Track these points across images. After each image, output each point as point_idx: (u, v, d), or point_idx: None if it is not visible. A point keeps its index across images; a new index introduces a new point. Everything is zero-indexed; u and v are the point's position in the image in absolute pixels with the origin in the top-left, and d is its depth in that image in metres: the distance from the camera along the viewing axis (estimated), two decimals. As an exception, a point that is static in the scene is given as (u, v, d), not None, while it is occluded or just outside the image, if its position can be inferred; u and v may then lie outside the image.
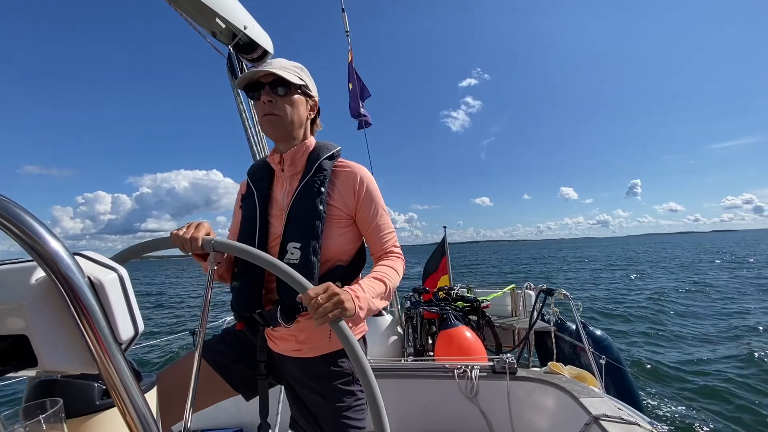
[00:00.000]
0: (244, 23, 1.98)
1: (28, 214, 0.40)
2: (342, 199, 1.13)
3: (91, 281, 0.45)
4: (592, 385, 1.82)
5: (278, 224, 1.12)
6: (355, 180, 1.14)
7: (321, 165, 1.14)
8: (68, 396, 0.51)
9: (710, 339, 8.03)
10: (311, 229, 1.06)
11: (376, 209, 1.16)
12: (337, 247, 1.11)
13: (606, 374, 2.88)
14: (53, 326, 0.43)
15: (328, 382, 1.11)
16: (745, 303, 11.58)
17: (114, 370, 0.45)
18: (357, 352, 0.75)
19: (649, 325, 9.05)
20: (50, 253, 0.41)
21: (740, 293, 13.36)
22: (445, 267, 5.74)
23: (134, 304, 0.49)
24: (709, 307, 11.19)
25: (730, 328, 8.81)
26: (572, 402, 1.64)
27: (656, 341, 8.00)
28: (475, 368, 1.96)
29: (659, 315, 10.19)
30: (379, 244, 1.17)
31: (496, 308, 4.90)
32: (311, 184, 1.12)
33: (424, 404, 2.01)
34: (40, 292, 0.43)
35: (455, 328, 3.03)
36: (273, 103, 1.08)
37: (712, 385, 5.69)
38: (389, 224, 1.19)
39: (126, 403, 0.47)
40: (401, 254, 1.20)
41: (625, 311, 10.64)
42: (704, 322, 9.54)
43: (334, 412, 1.09)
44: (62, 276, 0.41)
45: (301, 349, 1.12)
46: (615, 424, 1.36)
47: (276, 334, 1.15)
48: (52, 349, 0.43)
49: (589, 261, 39.12)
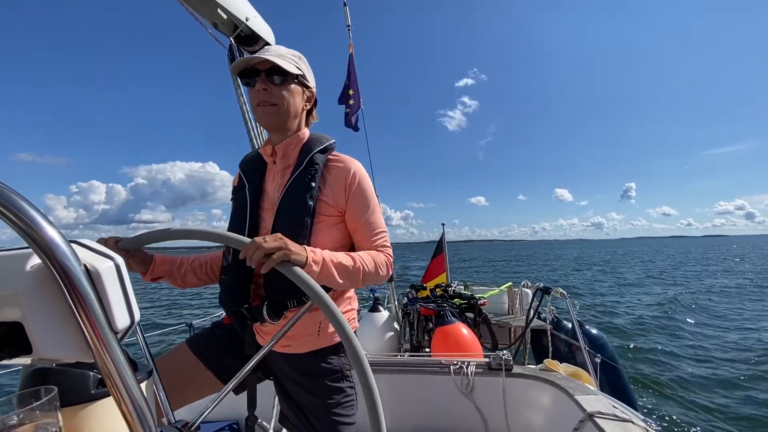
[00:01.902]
0: (246, 15, 1.96)
1: (24, 201, 0.40)
2: (332, 194, 1.09)
3: (87, 269, 0.44)
4: (587, 383, 1.83)
5: (268, 218, 1.10)
6: (347, 175, 1.11)
7: (313, 158, 1.11)
8: (63, 384, 0.51)
9: (707, 345, 8.12)
10: (300, 225, 1.03)
11: (366, 206, 1.11)
12: (326, 243, 1.07)
13: (601, 373, 2.90)
14: (48, 314, 0.43)
15: (318, 378, 1.10)
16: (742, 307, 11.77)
17: (109, 359, 0.45)
18: (322, 297, 0.70)
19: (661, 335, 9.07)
20: (46, 240, 0.40)
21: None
22: (442, 264, 5.75)
23: (130, 293, 0.49)
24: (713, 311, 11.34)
25: (728, 330, 8.93)
26: (567, 399, 1.65)
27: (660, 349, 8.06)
28: (472, 365, 1.96)
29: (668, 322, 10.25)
30: (368, 242, 1.11)
31: (492, 306, 4.91)
32: (302, 178, 1.08)
33: (420, 399, 2.02)
34: (36, 280, 0.43)
35: (452, 325, 3.04)
36: (268, 91, 1.05)
37: (706, 385, 5.74)
38: (380, 223, 1.14)
39: (121, 393, 0.47)
40: (390, 254, 1.13)
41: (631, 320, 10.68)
42: (705, 328, 9.65)
43: (323, 408, 1.09)
44: (58, 263, 0.41)
45: (290, 345, 1.10)
46: (609, 421, 1.37)
47: (264, 329, 1.13)
48: (46, 336, 0.42)
49: (588, 263, 39.15)
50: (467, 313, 3.88)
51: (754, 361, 6.75)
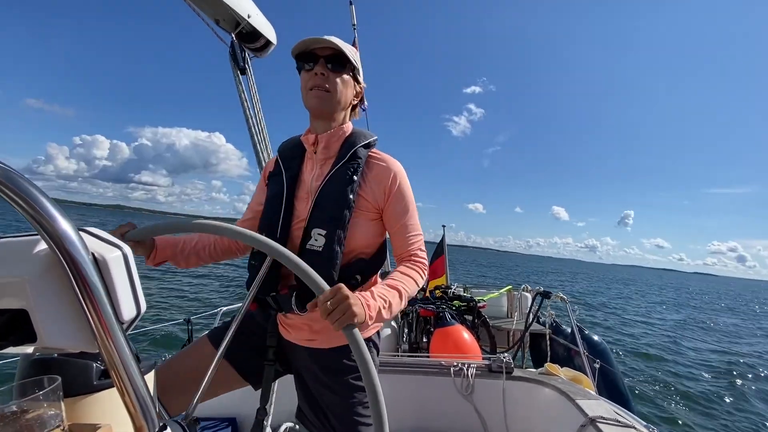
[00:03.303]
0: (248, 12, 1.96)
1: (35, 188, 0.40)
2: (372, 192, 1.09)
3: (95, 258, 0.44)
4: (588, 388, 1.82)
5: (303, 208, 1.08)
6: (388, 175, 1.10)
7: (356, 152, 1.10)
8: (66, 375, 0.50)
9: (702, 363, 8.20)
10: (339, 217, 1.02)
11: (405, 208, 1.11)
12: (361, 239, 1.07)
13: (599, 379, 2.89)
14: (54, 302, 0.42)
15: (340, 376, 1.08)
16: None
17: (114, 350, 0.44)
18: (366, 360, 0.73)
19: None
20: (55, 228, 0.40)
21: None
22: (442, 266, 5.75)
23: (137, 284, 0.48)
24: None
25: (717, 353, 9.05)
26: (568, 403, 1.64)
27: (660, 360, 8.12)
28: (472, 366, 1.95)
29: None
30: (405, 245, 1.12)
31: (492, 309, 4.90)
32: (344, 171, 1.07)
33: (419, 400, 2.01)
34: (43, 268, 0.42)
35: (451, 327, 3.03)
36: (325, 76, 1.05)
37: (705, 397, 5.74)
38: (417, 226, 1.14)
39: (125, 384, 0.46)
40: (425, 260, 1.14)
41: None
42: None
43: (344, 406, 1.07)
44: (66, 252, 0.40)
45: (315, 339, 1.09)
46: (611, 426, 1.36)
47: (289, 322, 1.12)
48: (52, 325, 0.42)
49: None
50: (466, 315, 3.88)
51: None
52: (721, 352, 9.96)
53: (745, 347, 11.29)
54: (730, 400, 5.90)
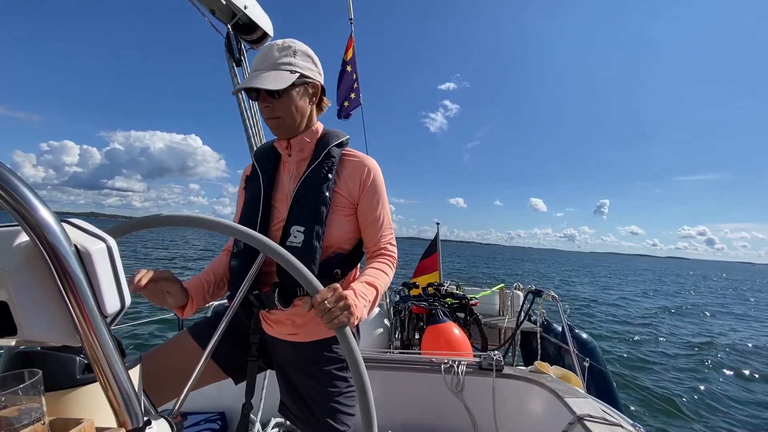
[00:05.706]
0: (244, 2, 1.94)
1: (15, 176, 0.38)
2: (347, 188, 1.13)
3: (78, 250, 0.43)
4: (577, 386, 1.84)
5: (282, 208, 1.11)
6: (363, 169, 1.14)
7: (329, 152, 1.13)
8: (48, 368, 0.50)
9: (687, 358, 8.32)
10: (316, 214, 1.06)
11: (377, 202, 1.15)
12: (339, 234, 1.11)
13: (589, 377, 2.92)
14: (35, 294, 0.41)
15: (322, 366, 1.12)
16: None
17: (97, 344, 0.43)
18: (357, 359, 0.73)
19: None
20: (36, 218, 0.39)
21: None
22: (435, 263, 5.76)
23: (122, 277, 0.47)
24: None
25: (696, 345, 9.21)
26: (557, 401, 1.65)
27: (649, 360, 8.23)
28: (462, 364, 1.96)
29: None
30: (375, 238, 1.16)
31: (484, 307, 4.93)
32: (319, 170, 1.11)
33: (409, 397, 2.02)
34: (23, 259, 0.41)
35: (443, 324, 3.04)
36: (271, 107, 1.06)
37: (692, 393, 5.83)
38: (389, 221, 1.18)
39: (108, 378, 0.45)
40: (395, 254, 1.18)
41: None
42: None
43: (325, 396, 1.09)
44: (47, 242, 0.39)
45: (298, 333, 1.11)
46: (598, 424, 1.38)
47: (272, 317, 1.14)
48: (33, 318, 0.41)
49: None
50: (458, 312, 3.90)
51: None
52: (705, 335, 10.29)
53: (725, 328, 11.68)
54: (710, 390, 6.01)
